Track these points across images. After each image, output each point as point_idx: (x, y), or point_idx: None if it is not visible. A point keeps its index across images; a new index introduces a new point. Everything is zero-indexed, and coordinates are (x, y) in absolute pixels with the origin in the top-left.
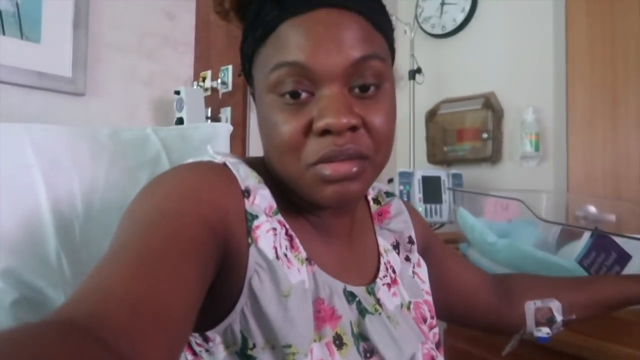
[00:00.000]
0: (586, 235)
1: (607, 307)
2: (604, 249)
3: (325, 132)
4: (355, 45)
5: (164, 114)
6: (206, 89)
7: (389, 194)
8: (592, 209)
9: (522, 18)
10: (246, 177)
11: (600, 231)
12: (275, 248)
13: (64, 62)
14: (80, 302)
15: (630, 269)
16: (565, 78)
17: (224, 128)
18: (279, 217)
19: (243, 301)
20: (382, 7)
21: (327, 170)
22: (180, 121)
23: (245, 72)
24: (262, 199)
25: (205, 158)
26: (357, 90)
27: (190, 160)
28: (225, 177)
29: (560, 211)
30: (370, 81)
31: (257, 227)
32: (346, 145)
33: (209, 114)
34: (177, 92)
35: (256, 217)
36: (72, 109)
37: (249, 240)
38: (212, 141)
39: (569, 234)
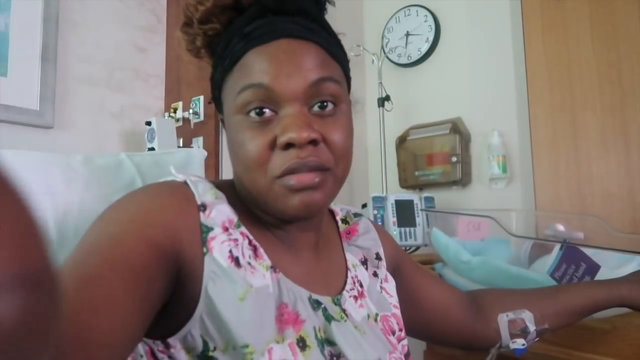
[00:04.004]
0: (556, 249)
1: (577, 314)
2: (574, 261)
3: (288, 146)
4: (313, 68)
5: (135, 145)
6: (177, 120)
7: (356, 215)
8: (561, 227)
9: (483, 46)
10: (204, 193)
11: (568, 243)
12: (235, 257)
13: (31, 95)
14: None
15: (600, 279)
16: (527, 102)
17: (199, 153)
18: (242, 229)
19: (201, 307)
20: (337, 40)
21: (292, 180)
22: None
23: (215, 99)
24: (218, 213)
25: (169, 178)
26: (316, 108)
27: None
28: (181, 194)
29: (530, 228)
30: (328, 99)
31: (212, 238)
32: (308, 157)
33: (181, 144)
34: (149, 123)
35: (211, 229)
36: (39, 142)
37: (204, 250)
38: (186, 166)
39: (539, 249)
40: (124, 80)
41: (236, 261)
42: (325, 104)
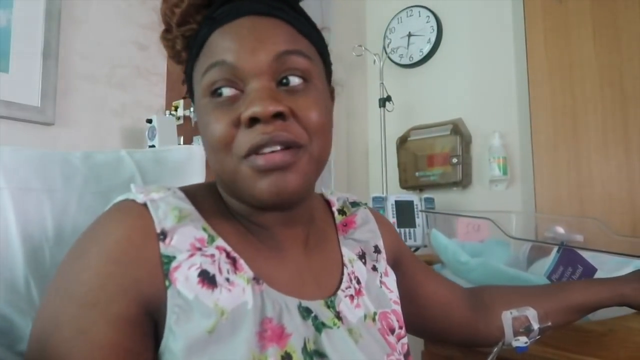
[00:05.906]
0: (554, 251)
1: (579, 312)
2: (571, 263)
3: (253, 121)
4: (279, 42)
5: (136, 142)
6: (178, 118)
7: (355, 204)
8: (560, 229)
9: (485, 48)
10: (165, 216)
11: (566, 246)
12: (210, 277)
13: (32, 92)
14: None
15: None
16: (528, 104)
17: (200, 151)
18: (218, 242)
19: (166, 341)
20: (307, 18)
21: (260, 160)
22: None
23: (189, 92)
24: (181, 238)
25: (131, 196)
26: (284, 82)
27: (119, 199)
28: (136, 228)
29: (529, 231)
30: (297, 74)
31: (176, 268)
32: (275, 132)
33: (182, 142)
34: (149, 121)
35: (173, 257)
36: (40, 139)
37: (167, 283)
38: (187, 164)
39: (538, 252)
40: (126, 77)
41: (210, 281)
42: (294, 78)
